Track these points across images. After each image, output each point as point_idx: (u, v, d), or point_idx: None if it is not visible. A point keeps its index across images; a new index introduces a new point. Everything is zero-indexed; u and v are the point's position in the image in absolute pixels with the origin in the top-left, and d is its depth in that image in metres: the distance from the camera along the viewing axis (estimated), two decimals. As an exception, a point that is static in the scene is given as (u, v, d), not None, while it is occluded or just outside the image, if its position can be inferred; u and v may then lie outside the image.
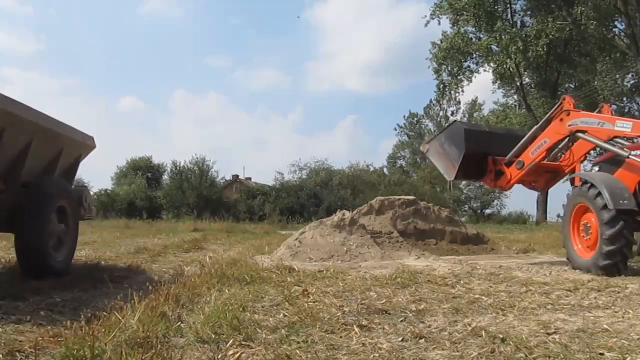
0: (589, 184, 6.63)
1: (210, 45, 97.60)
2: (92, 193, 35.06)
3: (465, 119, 59.57)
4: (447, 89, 36.93)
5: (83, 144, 6.55)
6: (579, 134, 7.36)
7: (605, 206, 6.23)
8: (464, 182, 54.81)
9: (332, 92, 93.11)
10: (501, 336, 3.01)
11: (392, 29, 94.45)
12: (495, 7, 34.20)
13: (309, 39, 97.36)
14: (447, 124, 8.43)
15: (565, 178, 8.29)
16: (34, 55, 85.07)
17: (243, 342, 2.90)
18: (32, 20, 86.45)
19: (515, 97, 40.65)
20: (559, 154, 7.99)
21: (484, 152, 8.29)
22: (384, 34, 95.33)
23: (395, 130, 65.62)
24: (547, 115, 8.15)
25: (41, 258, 5.24)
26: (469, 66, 36.28)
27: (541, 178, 8.47)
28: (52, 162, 5.83)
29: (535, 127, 8.16)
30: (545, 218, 34.66)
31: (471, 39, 34.50)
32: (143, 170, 45.13)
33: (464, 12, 33.58)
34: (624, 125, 6.96)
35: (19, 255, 5.32)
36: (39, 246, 5.20)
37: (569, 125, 7.44)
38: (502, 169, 8.15)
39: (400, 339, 3.07)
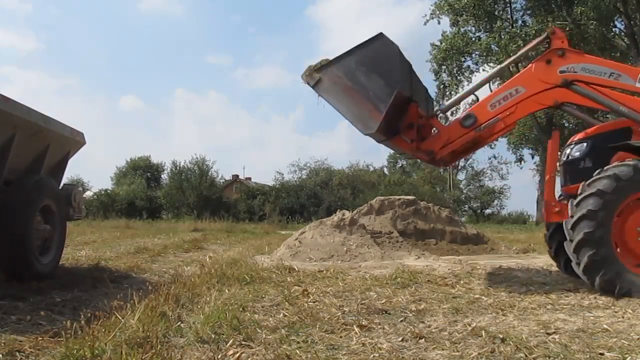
0: None
1: (210, 44, 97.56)
2: (91, 192, 35.07)
3: (465, 119, 59.47)
4: (447, 90, 36.93)
5: (72, 140, 6.13)
6: (577, 87, 5.23)
7: None
8: (463, 182, 55.03)
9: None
10: (501, 336, 3.02)
11: (395, 27, 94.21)
12: (495, 6, 34.21)
13: (310, 37, 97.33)
14: (365, 40, 4.98)
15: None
16: (33, 53, 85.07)
17: (243, 342, 2.90)
18: (31, 18, 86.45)
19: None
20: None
21: (409, 95, 5.23)
22: (386, 32, 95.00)
23: (395, 130, 65.55)
24: (521, 53, 6.06)
25: (24, 261, 4.93)
26: (468, 66, 36.31)
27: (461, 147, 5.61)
28: (37, 158, 5.49)
29: (499, 67, 5.64)
30: (545, 218, 34.62)
31: (471, 38, 34.51)
32: (142, 170, 45.17)
33: (464, 12, 33.60)
34: None
35: (1, 258, 4.91)
36: (21, 248, 4.88)
37: (562, 73, 5.25)
38: (434, 125, 5.48)
39: (400, 339, 3.07)
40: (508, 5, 34.55)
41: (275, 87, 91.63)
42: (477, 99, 5.47)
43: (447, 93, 37.22)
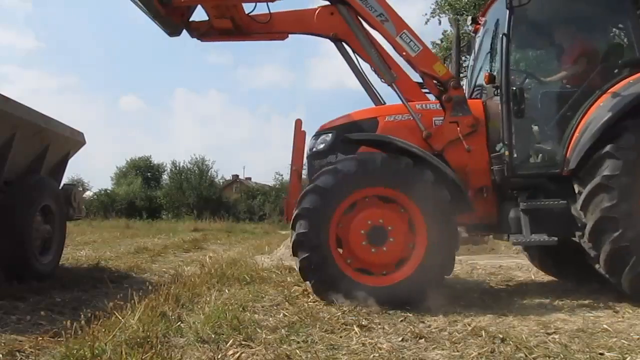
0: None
1: (210, 43, 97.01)
2: (91, 192, 35.02)
3: (465, 118, 59.58)
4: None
5: (72, 140, 6.14)
6: (342, 8, 4.69)
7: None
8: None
9: (333, 90, 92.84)
10: (501, 336, 3.02)
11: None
12: (496, 6, 34.27)
13: (311, 36, 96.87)
14: None
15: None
16: (33, 52, 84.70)
17: (243, 342, 2.90)
18: (31, 17, 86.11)
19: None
20: None
21: None
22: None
23: (395, 130, 65.56)
24: None
25: (24, 261, 4.96)
26: (469, 65, 36.33)
27: (216, 21, 4.89)
28: (37, 159, 5.50)
29: None
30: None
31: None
32: (142, 170, 45.10)
33: (464, 12, 33.64)
34: (410, 44, 4.64)
35: (1, 258, 4.90)
36: (21, 249, 4.91)
37: None
38: None
39: (400, 339, 3.07)
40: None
41: (275, 86, 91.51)
42: None
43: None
